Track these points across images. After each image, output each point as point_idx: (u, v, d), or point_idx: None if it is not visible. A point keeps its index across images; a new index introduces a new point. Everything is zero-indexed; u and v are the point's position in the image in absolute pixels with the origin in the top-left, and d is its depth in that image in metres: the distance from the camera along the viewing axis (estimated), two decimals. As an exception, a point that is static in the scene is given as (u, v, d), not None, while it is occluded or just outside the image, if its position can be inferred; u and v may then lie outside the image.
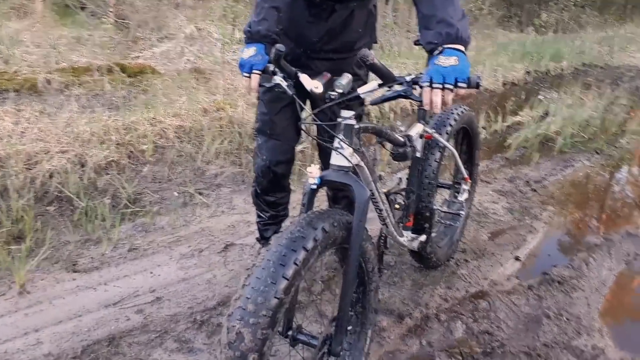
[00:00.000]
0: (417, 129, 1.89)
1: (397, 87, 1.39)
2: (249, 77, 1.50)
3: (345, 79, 1.36)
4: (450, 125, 2.13)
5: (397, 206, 1.90)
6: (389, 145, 1.76)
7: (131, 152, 3.33)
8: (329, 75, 1.42)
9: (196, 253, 2.36)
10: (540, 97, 5.80)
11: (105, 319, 1.85)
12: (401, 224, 1.99)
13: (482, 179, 3.62)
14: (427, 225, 2.03)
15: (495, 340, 2.01)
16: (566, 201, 3.41)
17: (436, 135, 2.02)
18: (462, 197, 2.28)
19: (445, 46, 1.31)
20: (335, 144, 1.40)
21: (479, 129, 2.48)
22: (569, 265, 2.54)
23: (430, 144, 2.06)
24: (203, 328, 1.87)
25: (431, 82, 1.29)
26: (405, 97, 1.38)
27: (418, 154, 1.93)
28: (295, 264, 1.16)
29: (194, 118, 3.89)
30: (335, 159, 1.41)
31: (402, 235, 1.94)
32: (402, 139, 1.74)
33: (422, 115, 1.94)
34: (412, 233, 2.06)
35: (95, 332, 1.78)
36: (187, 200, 2.88)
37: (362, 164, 1.50)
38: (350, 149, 1.40)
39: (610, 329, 2.14)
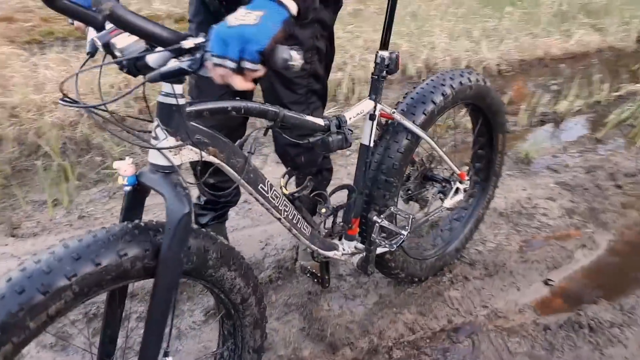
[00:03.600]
0: (361, 108, 1.36)
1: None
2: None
3: (129, 39, 0.91)
4: (433, 102, 1.53)
5: (323, 210, 1.42)
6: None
7: (146, 106, 3.16)
8: (116, 31, 0.91)
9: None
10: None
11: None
12: (335, 234, 1.51)
13: (549, 167, 2.84)
14: (367, 237, 1.51)
15: (454, 401, 1.48)
16: (661, 206, 2.52)
17: (398, 116, 1.46)
18: (450, 200, 1.69)
19: None
20: (152, 132, 0.98)
21: (500, 105, 1.81)
22: (616, 305, 1.83)
23: (394, 128, 1.51)
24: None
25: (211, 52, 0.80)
26: (187, 72, 0.86)
27: (349, 142, 1.32)
28: (14, 314, 0.81)
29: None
30: (152, 155, 0.99)
31: (330, 249, 1.46)
32: (320, 123, 1.23)
33: (375, 87, 1.39)
34: (362, 243, 1.57)
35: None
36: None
37: (215, 159, 1.06)
38: (173, 140, 0.97)
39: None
